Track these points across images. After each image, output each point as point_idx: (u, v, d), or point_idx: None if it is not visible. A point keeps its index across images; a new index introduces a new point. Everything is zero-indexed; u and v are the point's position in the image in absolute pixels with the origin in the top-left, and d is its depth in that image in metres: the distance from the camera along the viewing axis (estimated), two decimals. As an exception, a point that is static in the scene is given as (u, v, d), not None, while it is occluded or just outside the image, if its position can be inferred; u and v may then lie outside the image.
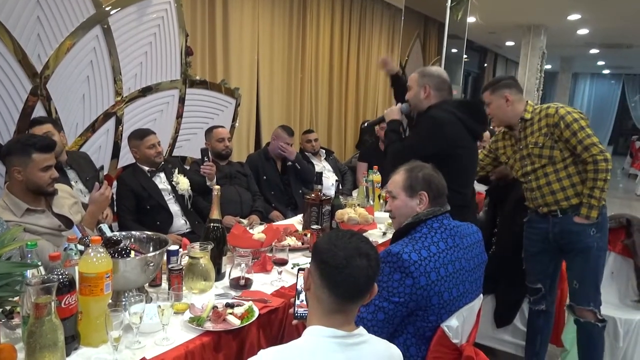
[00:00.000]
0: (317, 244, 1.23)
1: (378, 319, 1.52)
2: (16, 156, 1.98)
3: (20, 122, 2.78)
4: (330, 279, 1.16)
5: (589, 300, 2.37)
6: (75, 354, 1.36)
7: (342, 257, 1.15)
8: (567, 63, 13.60)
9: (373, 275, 1.19)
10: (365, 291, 1.19)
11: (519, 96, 2.48)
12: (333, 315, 1.17)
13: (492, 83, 2.53)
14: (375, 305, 1.53)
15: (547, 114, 2.37)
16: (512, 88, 2.47)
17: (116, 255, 1.59)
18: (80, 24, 2.96)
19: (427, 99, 2.42)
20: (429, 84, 2.41)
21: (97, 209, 2.15)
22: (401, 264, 1.51)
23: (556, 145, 2.36)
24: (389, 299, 1.52)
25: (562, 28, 8.59)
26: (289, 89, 5.04)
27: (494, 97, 2.48)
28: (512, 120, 2.48)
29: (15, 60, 2.69)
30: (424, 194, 1.68)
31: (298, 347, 1.13)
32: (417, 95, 2.44)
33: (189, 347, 1.45)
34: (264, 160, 3.84)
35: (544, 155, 2.39)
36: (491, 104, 2.49)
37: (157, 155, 2.96)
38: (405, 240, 1.61)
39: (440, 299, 1.53)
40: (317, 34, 5.31)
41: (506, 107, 2.45)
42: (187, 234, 2.90)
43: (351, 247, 1.17)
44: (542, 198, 2.42)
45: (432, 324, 1.55)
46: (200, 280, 1.84)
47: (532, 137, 2.42)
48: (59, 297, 1.29)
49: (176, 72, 3.61)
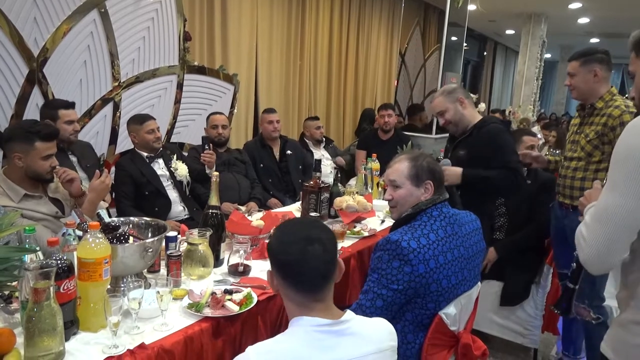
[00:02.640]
0: (269, 245, 1.21)
1: (377, 306, 1.53)
2: (18, 143, 1.97)
3: (17, 107, 2.76)
4: (292, 277, 1.15)
5: (584, 297, 2.37)
6: (74, 339, 1.36)
7: (295, 251, 1.13)
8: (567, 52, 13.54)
9: (332, 256, 1.17)
10: (330, 274, 1.17)
11: (607, 74, 2.32)
12: (310, 305, 1.15)
13: (584, 54, 2.36)
14: (374, 292, 1.54)
15: (610, 115, 2.25)
16: (603, 64, 2.31)
17: (115, 241, 1.58)
18: (77, 7, 2.93)
19: (465, 109, 2.47)
20: (460, 96, 2.46)
21: (96, 197, 2.14)
22: (400, 252, 1.51)
23: (602, 147, 2.27)
24: (388, 287, 1.52)
25: (562, 17, 8.54)
26: (287, 76, 5.01)
27: (582, 69, 2.33)
28: (592, 99, 2.34)
29: (11, 43, 2.66)
30: (429, 183, 1.69)
31: (286, 342, 1.11)
32: (457, 111, 2.47)
33: (188, 333, 1.45)
34: (260, 147, 3.82)
35: (585, 149, 2.33)
36: (576, 76, 2.35)
37: (156, 141, 2.94)
38: (405, 228, 1.61)
39: (438, 287, 1.54)
40: (317, 20, 5.27)
41: (593, 82, 2.31)
42: (186, 220, 2.90)
43: (301, 237, 1.15)
44: (563, 187, 2.42)
45: (430, 311, 1.56)
46: (198, 266, 1.84)
47: (588, 128, 2.33)
48: (58, 282, 1.28)
49: (174, 57, 3.58)
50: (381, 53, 6.47)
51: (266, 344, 1.10)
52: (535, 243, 2.76)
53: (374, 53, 6.31)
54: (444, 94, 2.50)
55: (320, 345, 1.09)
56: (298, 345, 1.09)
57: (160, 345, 1.37)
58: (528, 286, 2.73)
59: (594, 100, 2.34)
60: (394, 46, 6.76)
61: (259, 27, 4.53)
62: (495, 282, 2.76)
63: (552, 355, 2.93)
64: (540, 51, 8.89)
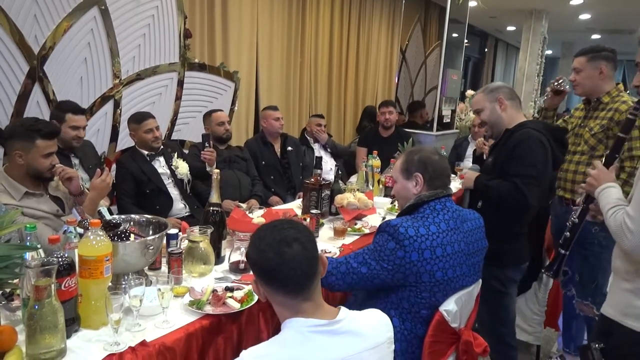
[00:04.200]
0: (248, 255, 1.19)
1: (361, 272, 1.58)
2: (19, 140, 1.97)
3: (18, 104, 2.76)
4: (276, 282, 1.13)
5: (586, 294, 2.37)
6: (75, 336, 1.36)
7: (274, 256, 1.11)
8: (568, 49, 13.51)
9: (313, 254, 1.15)
10: (314, 271, 1.15)
11: (612, 73, 2.32)
12: (300, 306, 1.13)
13: (591, 50, 2.34)
14: (364, 258, 1.60)
15: (617, 109, 2.25)
16: (610, 62, 2.30)
17: (116, 239, 1.58)
18: (78, 4, 2.93)
19: (504, 111, 2.18)
20: (500, 96, 2.18)
21: (97, 195, 2.14)
22: (397, 236, 1.55)
23: (606, 141, 2.26)
24: (378, 261, 1.57)
25: (563, 13, 8.51)
26: (288, 73, 5.00)
27: (588, 65, 2.31)
28: (596, 95, 2.33)
29: (11, 41, 2.66)
30: (418, 175, 1.71)
31: (280, 345, 1.09)
32: (494, 111, 2.19)
33: (189, 330, 1.45)
34: (262, 145, 3.82)
35: (589, 143, 2.32)
36: (582, 72, 2.33)
37: (154, 140, 2.93)
38: (407, 217, 1.65)
39: (432, 278, 1.55)
40: (317, 17, 5.26)
41: (598, 79, 2.30)
42: (186, 217, 2.90)
43: (277, 240, 1.13)
44: (565, 182, 2.41)
45: (426, 300, 1.57)
46: (199, 263, 1.84)
47: (593, 122, 2.32)
48: (59, 280, 1.29)
49: (175, 54, 3.58)
50: (382, 50, 6.46)
51: (260, 348, 1.09)
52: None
53: (375, 50, 6.29)
54: (485, 91, 2.26)
55: (314, 346, 1.08)
56: (293, 347, 1.08)
57: (161, 343, 1.37)
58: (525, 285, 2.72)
59: (598, 96, 2.33)
60: (395, 43, 6.75)
61: (260, 24, 4.52)
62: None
63: (552, 352, 2.93)
64: (541, 48, 8.86)
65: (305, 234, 1.16)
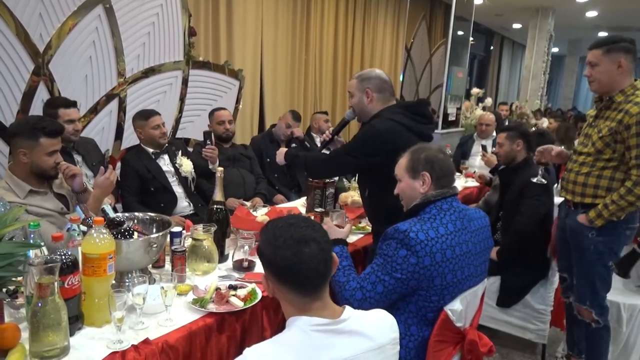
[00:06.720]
0: (260, 249, 1.16)
1: (377, 291, 1.54)
2: (23, 138, 1.97)
3: (23, 102, 2.76)
4: (289, 280, 1.11)
5: (585, 299, 2.33)
6: (78, 334, 1.37)
7: (291, 255, 1.09)
8: (574, 46, 13.44)
9: (329, 254, 1.14)
10: (329, 271, 1.14)
11: (631, 66, 2.14)
12: (310, 305, 1.12)
13: (608, 41, 2.14)
14: (376, 276, 1.55)
15: (627, 111, 2.09)
16: (629, 54, 2.10)
17: (119, 237, 1.58)
18: (82, 3, 2.93)
19: (371, 103, 2.24)
20: (369, 87, 2.22)
21: (101, 193, 2.14)
22: (408, 242, 1.51)
23: (614, 145, 2.14)
24: (391, 274, 1.52)
25: (570, 10, 8.46)
26: (293, 72, 5.00)
27: (605, 58, 2.12)
28: (613, 91, 2.16)
29: (17, 39, 2.67)
30: (426, 174, 1.67)
31: (284, 343, 1.08)
32: (361, 101, 2.26)
33: (192, 328, 1.45)
34: (268, 142, 3.82)
35: (596, 145, 2.19)
36: (598, 66, 2.14)
37: (161, 136, 2.94)
38: (415, 220, 1.61)
39: (443, 281, 1.53)
40: (322, 14, 5.25)
41: (616, 74, 2.11)
42: (191, 215, 2.90)
43: (295, 239, 1.10)
44: (567, 182, 2.32)
45: (434, 304, 1.55)
46: (203, 262, 1.84)
47: (603, 123, 2.18)
48: (62, 278, 1.29)
49: (179, 52, 3.58)
50: (387, 47, 6.44)
51: (264, 346, 1.08)
52: (517, 255, 2.69)
53: (380, 47, 6.28)
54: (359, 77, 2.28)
55: (318, 344, 1.08)
56: (296, 346, 1.07)
57: (164, 341, 1.37)
58: (523, 290, 2.71)
59: (615, 93, 2.17)
60: (400, 40, 6.73)
61: (264, 22, 4.52)
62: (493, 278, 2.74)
63: (558, 351, 2.91)
64: (548, 45, 8.82)
65: (321, 234, 1.14)
